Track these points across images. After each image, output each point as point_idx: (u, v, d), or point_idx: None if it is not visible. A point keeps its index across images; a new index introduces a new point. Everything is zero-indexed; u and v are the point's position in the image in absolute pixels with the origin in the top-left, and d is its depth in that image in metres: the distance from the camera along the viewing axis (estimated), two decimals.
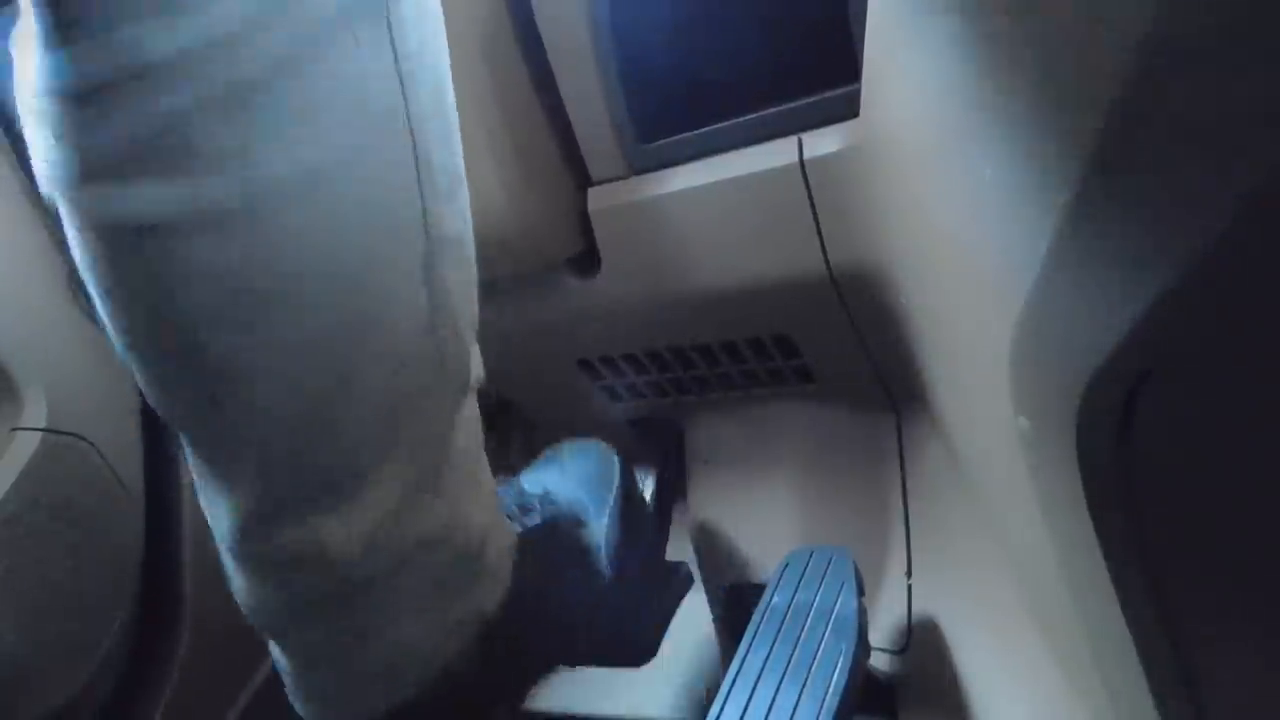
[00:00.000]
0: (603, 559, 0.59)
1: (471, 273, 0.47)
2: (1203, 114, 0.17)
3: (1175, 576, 0.29)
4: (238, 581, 0.47)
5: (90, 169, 0.36)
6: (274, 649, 0.50)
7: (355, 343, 0.41)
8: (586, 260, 0.68)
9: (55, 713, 0.59)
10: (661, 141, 0.60)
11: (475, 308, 0.47)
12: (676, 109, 0.59)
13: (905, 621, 0.67)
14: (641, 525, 0.64)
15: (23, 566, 0.56)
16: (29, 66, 0.37)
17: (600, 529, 0.60)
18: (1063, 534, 0.33)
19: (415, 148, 0.41)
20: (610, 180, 0.64)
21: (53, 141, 0.37)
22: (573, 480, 0.65)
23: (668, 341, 0.72)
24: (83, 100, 0.35)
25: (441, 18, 0.43)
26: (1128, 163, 0.20)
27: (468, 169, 0.46)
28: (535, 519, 0.57)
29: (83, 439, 0.62)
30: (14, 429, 0.58)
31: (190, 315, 0.38)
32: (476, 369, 0.49)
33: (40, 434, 0.59)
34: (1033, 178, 0.25)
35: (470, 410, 0.50)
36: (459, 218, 0.45)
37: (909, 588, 0.68)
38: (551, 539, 0.57)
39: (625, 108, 0.60)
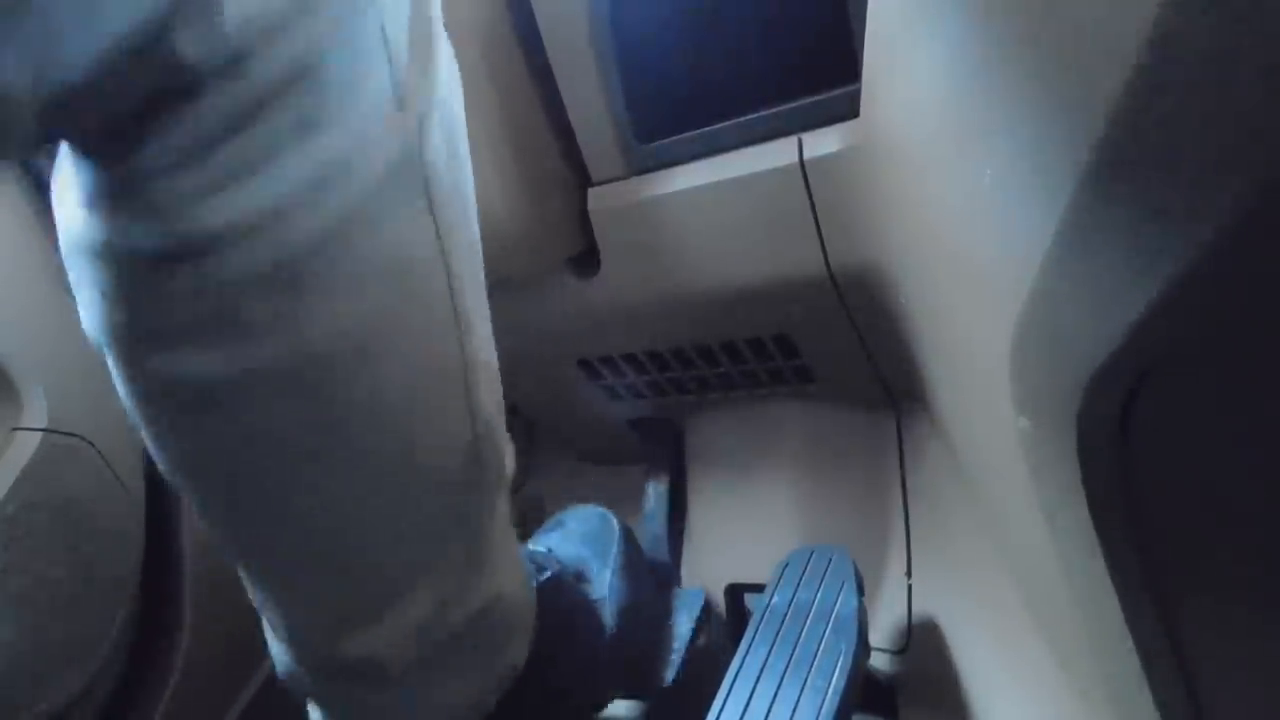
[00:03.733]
0: (607, 612, 0.61)
1: (497, 379, 0.48)
2: (1202, 114, 0.17)
3: (1175, 576, 0.29)
4: (282, 661, 0.50)
5: (141, 332, 0.37)
6: (311, 706, 0.52)
7: (404, 481, 0.43)
8: (586, 260, 0.68)
9: (55, 713, 0.59)
10: (661, 141, 0.60)
11: (503, 411, 0.49)
12: (676, 109, 0.59)
13: (905, 621, 0.67)
14: (642, 576, 0.66)
15: (23, 566, 0.56)
16: (68, 214, 0.37)
17: (603, 583, 0.63)
18: (1063, 534, 0.33)
19: (453, 298, 0.42)
20: (610, 180, 0.64)
21: (99, 303, 0.37)
22: (575, 539, 0.67)
23: (668, 341, 0.72)
24: (130, 271, 0.36)
25: (466, 143, 0.44)
26: (1128, 163, 0.20)
27: None
28: (546, 575, 0.58)
29: (83, 439, 0.62)
30: (14, 429, 0.58)
31: (237, 467, 0.40)
32: (511, 463, 0.50)
33: (40, 434, 0.59)
34: (1033, 178, 0.25)
35: (505, 493, 0.51)
36: (487, 341, 0.46)
37: (909, 588, 0.68)
38: (559, 595, 0.58)
39: (625, 108, 0.60)
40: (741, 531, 0.78)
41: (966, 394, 0.45)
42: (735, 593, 0.77)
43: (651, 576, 0.69)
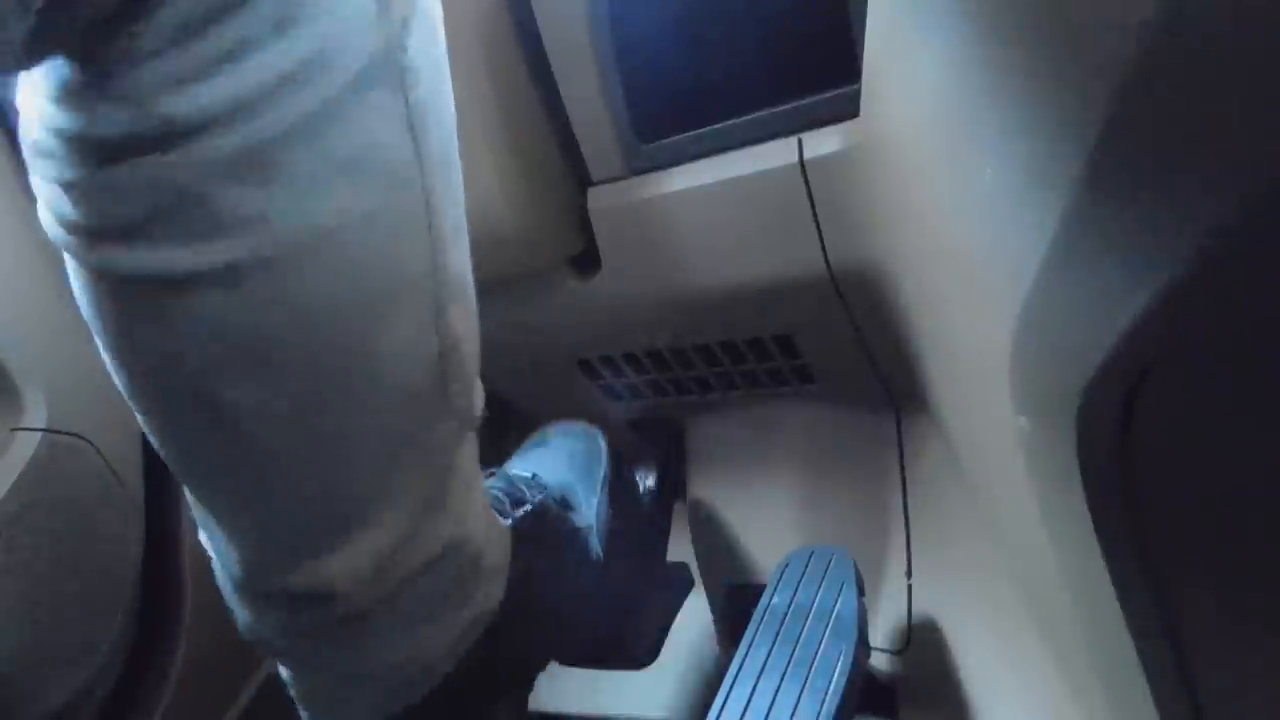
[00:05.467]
0: (594, 541, 0.59)
1: (474, 310, 0.47)
2: (1202, 113, 0.17)
3: (1175, 576, 0.29)
4: (241, 614, 0.48)
5: (105, 229, 0.36)
6: (281, 665, 0.51)
7: (365, 391, 0.42)
8: (586, 260, 0.68)
9: (55, 713, 0.59)
10: (661, 141, 0.60)
11: (478, 344, 0.48)
12: (676, 109, 0.59)
13: (905, 621, 0.67)
14: (631, 503, 0.64)
15: (23, 566, 0.56)
16: (36, 112, 0.36)
17: (590, 510, 0.61)
18: (1063, 534, 0.33)
19: (427, 202, 0.41)
20: (610, 180, 0.64)
21: (64, 198, 0.37)
22: (561, 462, 0.65)
23: (668, 341, 0.72)
24: (99, 160, 0.35)
25: (446, 57, 0.43)
26: (1128, 163, 0.20)
27: (468, 169, 0.46)
28: (526, 508, 0.57)
29: (83, 439, 0.62)
30: (14, 429, 0.58)
31: (199, 366, 0.39)
32: (479, 401, 0.49)
33: (40, 434, 0.59)
34: (1033, 178, 0.25)
35: (472, 438, 0.50)
36: (463, 259, 0.45)
37: (909, 588, 0.68)
38: (543, 526, 0.57)
39: (625, 108, 0.60)
40: (741, 531, 0.78)
41: (966, 394, 0.45)
42: (735, 593, 0.77)
43: (641, 501, 0.68)
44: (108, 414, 0.65)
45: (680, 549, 0.82)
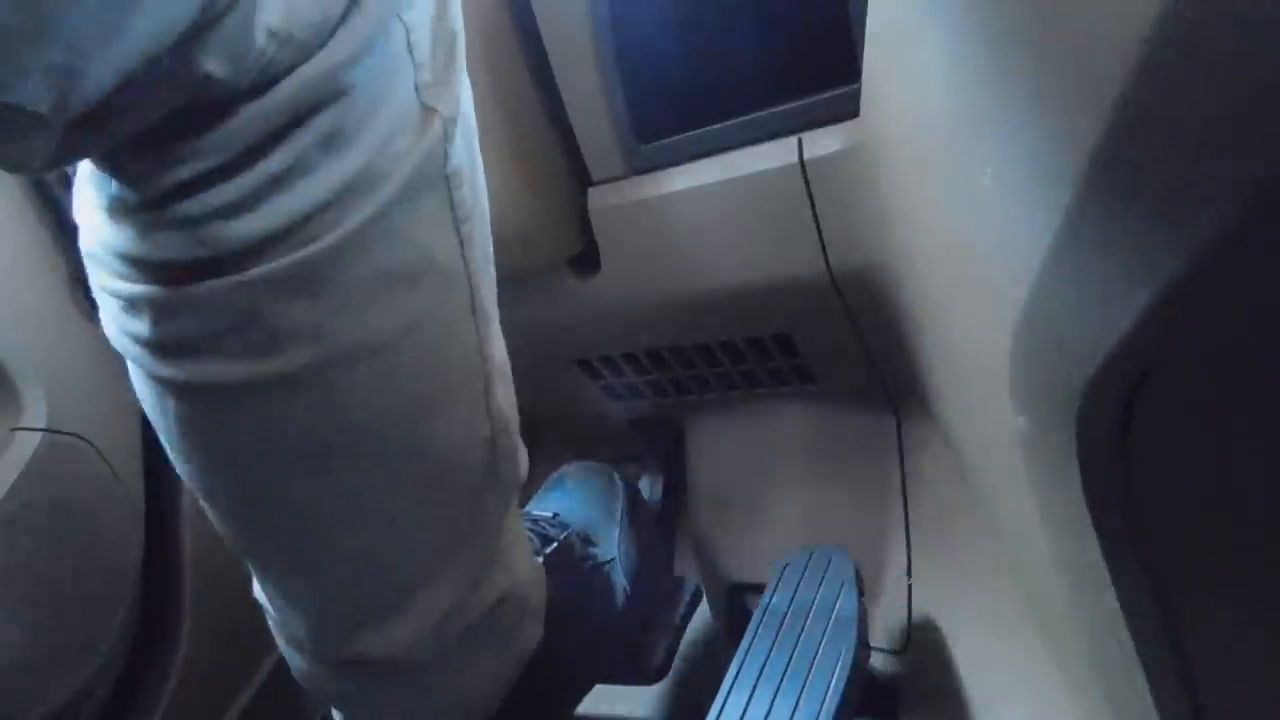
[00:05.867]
0: (618, 573, 0.61)
1: (511, 383, 0.48)
2: (1203, 113, 0.17)
3: (1175, 576, 0.29)
4: (295, 663, 0.50)
5: (164, 344, 0.37)
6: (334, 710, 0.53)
7: (421, 478, 0.43)
8: (586, 260, 0.68)
9: (55, 713, 0.59)
10: (661, 141, 0.60)
11: (516, 409, 0.49)
12: (676, 109, 0.59)
13: (905, 621, 0.67)
14: (650, 533, 0.66)
15: (23, 566, 0.56)
16: (93, 226, 0.37)
17: (611, 544, 0.63)
18: (1062, 534, 0.33)
19: (473, 299, 0.42)
20: (610, 180, 0.64)
21: (126, 312, 0.37)
22: (579, 500, 0.67)
23: (668, 341, 0.72)
24: (157, 281, 0.36)
25: (478, 146, 0.44)
26: (1128, 163, 0.20)
27: None
28: (553, 546, 0.59)
29: (83, 439, 0.62)
30: (14, 429, 0.58)
31: (257, 463, 0.40)
32: (524, 464, 0.50)
33: (40, 434, 0.59)
34: (1033, 178, 0.25)
35: (517, 492, 0.51)
36: (500, 340, 0.47)
37: (909, 588, 0.68)
38: (569, 562, 0.59)
39: (625, 108, 0.60)
40: (741, 531, 0.78)
41: (966, 394, 0.45)
42: (735, 593, 0.77)
43: (659, 530, 0.69)
44: (108, 414, 0.65)
45: (680, 549, 0.82)
